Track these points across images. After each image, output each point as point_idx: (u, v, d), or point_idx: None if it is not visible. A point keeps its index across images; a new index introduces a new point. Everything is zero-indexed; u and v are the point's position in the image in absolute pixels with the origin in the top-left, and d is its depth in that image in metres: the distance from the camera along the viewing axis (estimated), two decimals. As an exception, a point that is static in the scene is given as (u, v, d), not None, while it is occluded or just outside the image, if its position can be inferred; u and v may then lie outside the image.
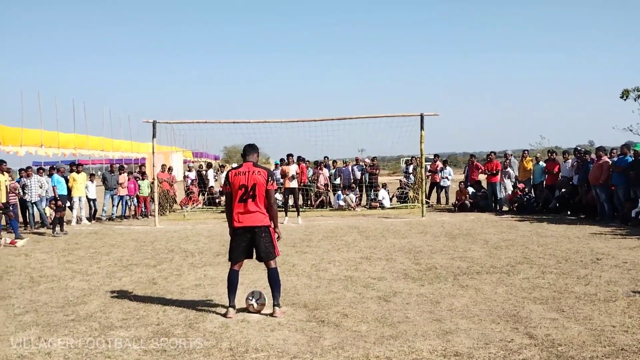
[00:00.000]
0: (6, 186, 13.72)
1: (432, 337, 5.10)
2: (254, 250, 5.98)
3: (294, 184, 15.14)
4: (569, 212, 15.46)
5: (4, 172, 13.85)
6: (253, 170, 5.91)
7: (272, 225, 5.99)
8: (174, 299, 6.84)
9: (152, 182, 17.28)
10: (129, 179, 17.88)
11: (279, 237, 6.09)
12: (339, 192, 19.09)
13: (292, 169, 15.14)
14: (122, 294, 7.08)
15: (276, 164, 20.06)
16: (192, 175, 21.74)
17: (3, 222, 13.76)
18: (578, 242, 10.33)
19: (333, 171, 20.87)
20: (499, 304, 6.17)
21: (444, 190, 19.51)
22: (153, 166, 17.05)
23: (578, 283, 7.08)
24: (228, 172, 6.11)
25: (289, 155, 15.39)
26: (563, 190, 15.94)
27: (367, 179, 19.92)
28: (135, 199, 18.17)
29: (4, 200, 13.41)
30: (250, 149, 6.19)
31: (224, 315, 5.96)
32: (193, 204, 20.30)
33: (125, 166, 23.26)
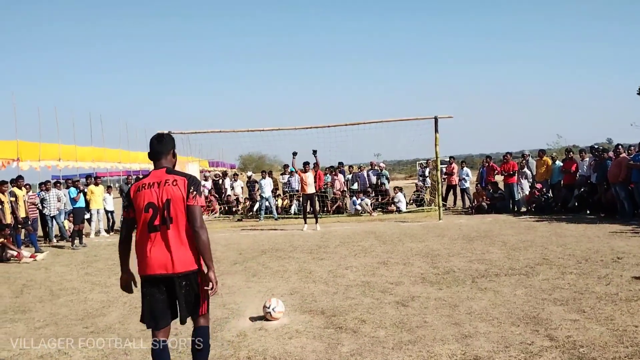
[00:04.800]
0: (24, 201, 13.91)
1: (451, 341, 5.05)
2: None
3: (311, 189, 15.14)
4: (588, 212, 15.27)
5: (22, 188, 14.05)
6: (165, 179, 3.83)
7: (205, 266, 3.84)
8: (192, 308, 6.84)
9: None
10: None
11: (212, 287, 3.81)
12: (354, 198, 19.06)
13: (310, 177, 15.14)
14: (138, 304, 7.11)
15: (292, 171, 20.10)
16: (208, 184, 21.85)
17: (22, 236, 13.93)
18: (598, 242, 10.19)
19: (350, 176, 20.86)
20: (519, 306, 6.11)
21: (464, 192, 19.32)
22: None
23: (599, 283, 6.98)
24: (129, 188, 3.98)
25: (306, 163, 15.44)
26: (582, 189, 15.77)
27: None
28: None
29: (23, 215, 13.61)
30: (160, 145, 4.00)
31: None
32: (210, 213, 20.39)
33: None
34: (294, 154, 15.81)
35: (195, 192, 3.83)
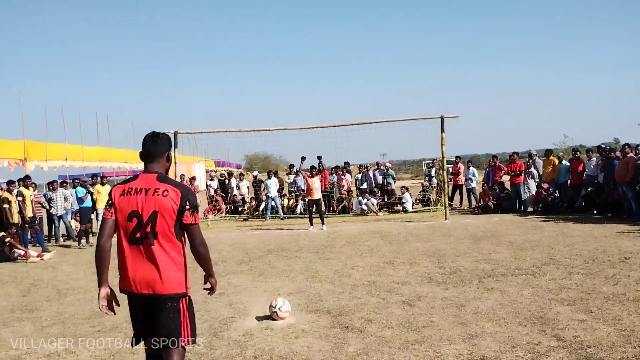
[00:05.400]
0: (31, 201, 13.98)
1: (457, 341, 5.04)
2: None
3: (317, 195, 15.17)
4: (595, 211, 15.20)
5: (29, 187, 14.11)
6: (155, 187, 3.40)
7: (188, 292, 3.59)
8: (198, 307, 6.84)
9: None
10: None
11: (212, 289, 3.94)
12: (360, 198, 19.05)
13: (316, 182, 15.15)
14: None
15: (297, 171, 20.12)
16: (215, 184, 21.89)
17: (29, 236, 13.99)
18: (605, 242, 10.15)
19: (359, 176, 20.85)
20: (525, 306, 6.09)
21: (470, 192, 19.26)
22: (175, 176, 17.21)
23: (606, 283, 6.95)
24: (112, 188, 3.59)
25: (313, 168, 15.44)
26: (589, 189, 15.70)
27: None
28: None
29: (30, 215, 13.67)
30: (154, 145, 3.57)
31: None
32: (217, 212, 20.44)
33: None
34: (303, 158, 15.85)
35: (192, 209, 3.44)
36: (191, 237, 3.50)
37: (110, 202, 3.47)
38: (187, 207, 3.40)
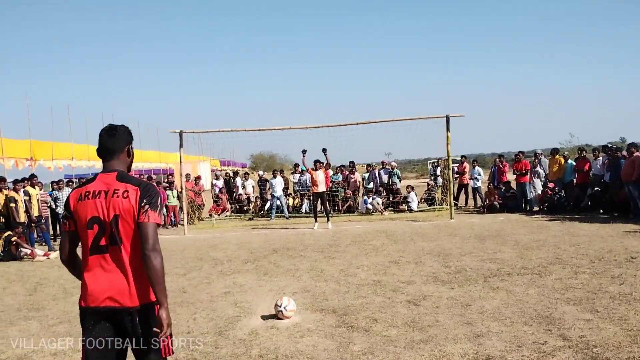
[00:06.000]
0: (38, 200, 14.03)
1: (463, 340, 5.04)
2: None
3: (321, 188, 15.16)
4: (601, 211, 15.15)
5: (35, 186, 14.17)
6: (115, 188, 3.03)
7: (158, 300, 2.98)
8: (204, 307, 6.88)
9: (180, 192, 17.47)
10: (158, 189, 18.10)
11: (163, 329, 2.93)
12: (365, 197, 19.03)
13: (320, 175, 15.16)
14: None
15: (302, 170, 20.12)
16: (220, 183, 21.92)
17: (35, 235, 14.05)
18: (611, 241, 10.11)
19: (366, 175, 20.84)
20: (531, 305, 6.07)
21: (476, 191, 19.21)
22: (181, 176, 17.27)
23: (612, 283, 6.93)
24: (69, 195, 3.18)
25: (316, 162, 15.45)
26: (595, 188, 15.65)
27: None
28: (164, 209, 18.41)
29: (37, 214, 13.73)
30: (111, 140, 3.18)
31: None
32: (222, 211, 20.47)
33: (154, 176, 23.59)
34: (304, 151, 15.84)
35: (147, 206, 2.99)
36: (141, 238, 2.95)
37: (65, 213, 3.13)
38: (142, 204, 2.98)
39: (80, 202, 3.04)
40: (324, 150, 15.79)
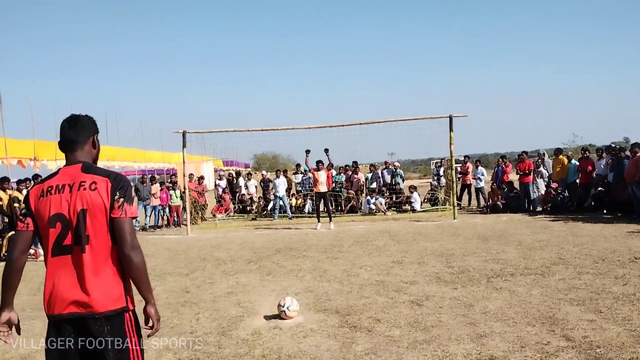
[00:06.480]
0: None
1: (466, 340, 5.03)
2: None
3: (323, 188, 15.17)
4: (604, 211, 15.12)
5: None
6: (81, 180, 2.76)
7: (131, 305, 2.85)
8: (207, 307, 6.88)
9: (183, 192, 17.50)
10: (161, 189, 18.15)
11: (153, 325, 2.91)
12: (368, 197, 19.03)
13: (322, 175, 15.17)
14: (155, 303, 7.12)
15: (305, 170, 20.12)
16: (223, 183, 21.94)
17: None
18: (615, 241, 10.09)
19: (369, 175, 20.83)
20: (534, 306, 6.07)
21: (479, 191, 19.18)
22: (184, 176, 17.30)
23: (616, 283, 6.91)
24: (28, 192, 2.93)
25: (319, 162, 15.45)
26: (598, 188, 15.62)
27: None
28: (167, 209, 18.45)
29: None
30: (73, 131, 2.91)
31: None
32: (225, 212, 20.49)
33: (157, 177, 23.62)
34: (307, 151, 15.84)
35: (122, 199, 2.74)
36: (118, 235, 2.71)
37: (24, 210, 2.84)
38: (116, 197, 2.73)
39: (42, 199, 2.76)
40: (326, 150, 15.80)
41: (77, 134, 2.89)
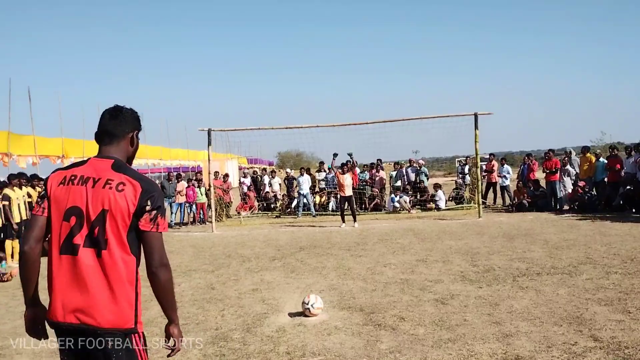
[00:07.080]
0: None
1: (491, 340, 5.00)
2: None
3: (348, 192, 15.19)
4: (633, 210, 14.86)
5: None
6: (108, 178, 2.48)
7: (140, 327, 2.56)
8: (232, 303, 6.94)
9: (208, 189, 17.64)
10: (188, 186, 18.32)
11: (175, 345, 2.64)
12: (393, 195, 18.96)
13: (347, 179, 15.17)
14: (181, 300, 7.20)
15: (329, 168, 20.13)
16: (247, 181, 22.06)
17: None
18: (644, 241, 9.92)
19: (394, 173, 20.75)
20: (561, 305, 6.00)
21: (504, 190, 18.99)
22: (209, 173, 17.44)
23: (645, 283, 6.80)
24: (49, 176, 2.61)
25: (344, 164, 15.46)
26: (627, 187, 15.35)
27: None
28: (193, 206, 18.61)
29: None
30: (114, 123, 2.63)
31: None
32: (249, 209, 20.60)
33: (183, 174, 23.84)
34: (335, 155, 15.86)
35: (155, 212, 2.47)
36: (147, 251, 2.48)
37: (43, 193, 2.53)
38: (148, 207, 2.45)
39: (62, 187, 2.48)
40: (350, 154, 15.78)
41: (116, 127, 2.62)
